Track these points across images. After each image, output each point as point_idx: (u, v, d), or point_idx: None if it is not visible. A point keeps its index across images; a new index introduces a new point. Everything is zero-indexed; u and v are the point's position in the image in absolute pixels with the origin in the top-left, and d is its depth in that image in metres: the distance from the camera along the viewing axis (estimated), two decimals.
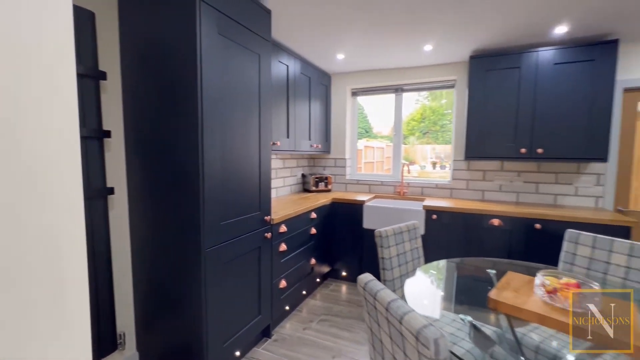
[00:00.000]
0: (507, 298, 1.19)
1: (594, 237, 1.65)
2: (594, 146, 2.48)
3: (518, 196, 3.01)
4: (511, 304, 1.15)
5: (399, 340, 0.83)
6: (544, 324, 1.11)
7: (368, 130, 4.91)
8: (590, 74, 2.46)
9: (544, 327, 1.48)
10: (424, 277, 1.70)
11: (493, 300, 1.19)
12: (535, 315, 1.10)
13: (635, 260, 1.49)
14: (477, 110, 2.83)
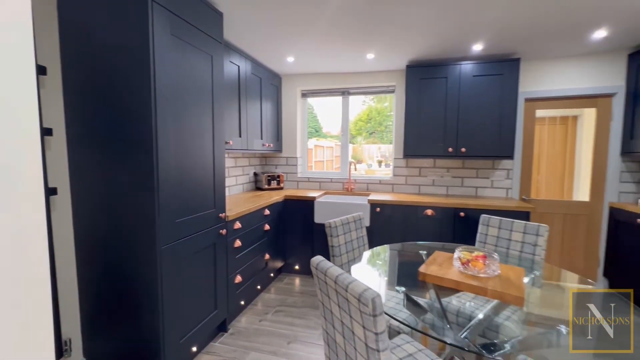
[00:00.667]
0: (433, 271, 1.44)
1: (500, 220, 2.03)
2: (503, 146, 2.97)
3: (447, 189, 3.46)
4: (436, 275, 1.41)
5: (345, 306, 1.00)
6: (460, 287, 1.39)
7: (318, 129, 5.09)
8: (500, 86, 2.95)
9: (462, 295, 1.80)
10: (369, 260, 1.93)
11: (422, 273, 1.44)
12: (453, 281, 1.37)
13: (528, 236, 1.89)
14: (413, 113, 3.19)
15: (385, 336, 0.92)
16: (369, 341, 0.92)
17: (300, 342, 2.20)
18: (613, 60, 2.95)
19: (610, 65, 2.96)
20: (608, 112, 3.03)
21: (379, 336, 0.90)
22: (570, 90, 3.06)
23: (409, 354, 1.35)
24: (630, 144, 2.85)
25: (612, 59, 2.95)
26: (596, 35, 2.54)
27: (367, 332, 0.92)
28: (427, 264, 1.54)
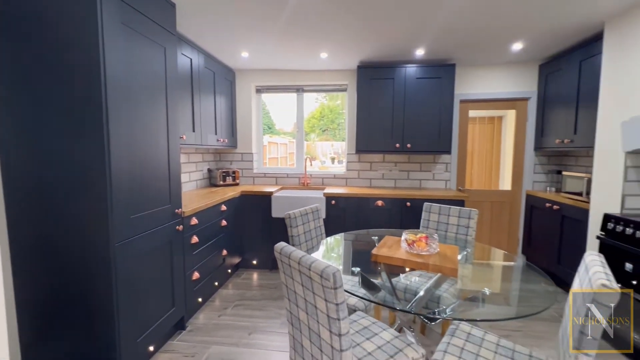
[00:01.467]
0: (383, 252, 1.62)
1: (439, 207, 2.31)
2: (442, 142, 3.32)
3: (395, 182, 3.75)
4: (386, 255, 1.58)
5: (308, 284, 1.11)
6: (407, 265, 1.58)
7: (271, 126, 5.09)
8: (439, 88, 3.28)
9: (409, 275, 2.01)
10: (326, 248, 2.06)
11: (374, 255, 1.60)
12: (401, 260, 1.55)
13: (462, 220, 2.18)
14: (364, 111, 3.40)
15: (345, 307, 1.04)
16: (330, 312, 1.04)
17: (262, 332, 2.26)
18: (528, 70, 3.46)
19: (525, 73, 3.47)
20: (524, 114, 3.54)
21: (339, 306, 1.02)
22: (495, 93, 3.52)
23: (364, 327, 1.50)
24: (541, 141, 3.38)
25: (527, 68, 3.46)
26: (514, 48, 2.97)
27: (329, 304, 1.04)
28: (379, 247, 1.71)
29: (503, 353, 1.34)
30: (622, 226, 2.05)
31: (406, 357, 1.30)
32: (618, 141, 2.26)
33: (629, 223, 2.01)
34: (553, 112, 3.18)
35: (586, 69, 2.71)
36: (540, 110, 3.40)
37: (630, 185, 2.21)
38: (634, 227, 1.96)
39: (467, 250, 2.01)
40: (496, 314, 1.41)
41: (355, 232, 2.44)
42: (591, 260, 1.12)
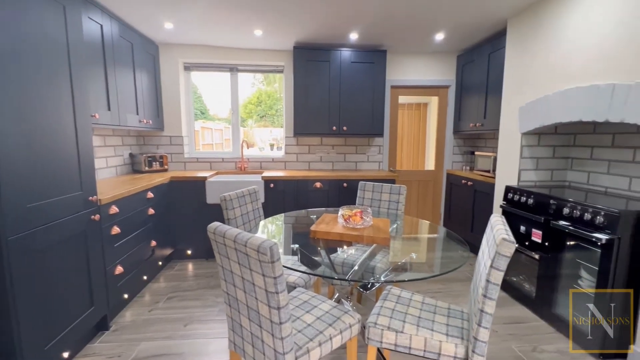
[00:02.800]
0: (321, 228, 1.66)
1: (373, 185, 2.44)
2: (375, 125, 3.49)
3: (333, 164, 3.85)
4: (324, 231, 1.62)
5: (245, 261, 1.08)
6: (343, 238, 1.65)
7: (204, 111, 4.77)
8: (372, 73, 3.42)
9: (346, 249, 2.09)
10: (265, 228, 2.03)
11: (313, 231, 1.63)
12: (338, 234, 1.61)
13: (393, 196, 2.35)
14: (301, 93, 3.38)
15: (283, 279, 1.04)
16: (268, 286, 1.03)
17: (198, 322, 2.16)
18: (448, 60, 3.80)
19: (446, 63, 3.81)
20: (445, 100, 3.91)
21: (277, 279, 1.02)
22: (421, 81, 3.80)
23: (304, 302, 1.53)
24: (459, 125, 3.79)
25: (447, 58, 3.80)
26: (437, 38, 3.22)
27: (267, 279, 1.03)
28: (317, 223, 1.75)
29: (427, 309, 1.50)
30: (518, 195, 2.42)
31: (344, 323, 1.36)
32: (516, 124, 2.64)
33: (523, 193, 2.39)
34: (468, 99, 3.57)
35: (493, 61, 3.09)
36: (458, 98, 3.79)
37: (525, 161, 2.62)
38: (526, 196, 2.34)
39: (397, 222, 2.18)
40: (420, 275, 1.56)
41: (295, 212, 2.46)
42: (495, 221, 1.30)
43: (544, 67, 2.37)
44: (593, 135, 2.44)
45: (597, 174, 2.40)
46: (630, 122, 1.75)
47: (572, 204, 1.97)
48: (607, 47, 1.90)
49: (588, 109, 1.99)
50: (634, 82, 1.73)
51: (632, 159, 2.16)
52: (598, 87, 1.93)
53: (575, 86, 2.08)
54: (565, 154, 2.64)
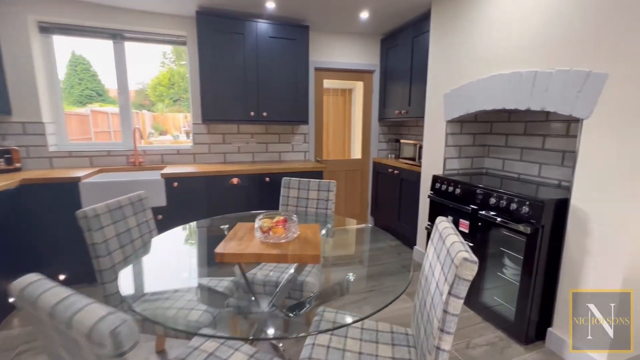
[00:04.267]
0: (231, 248, 1.23)
1: (298, 181, 2.09)
2: (299, 111, 3.13)
3: (254, 156, 3.38)
4: (235, 253, 1.21)
5: (75, 350, 0.61)
6: (262, 260, 1.26)
7: (102, 92, 3.80)
8: (294, 51, 3.01)
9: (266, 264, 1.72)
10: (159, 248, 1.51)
11: (219, 254, 1.20)
12: (254, 255, 1.21)
13: (321, 193, 2.04)
14: (210, 71, 2.79)
15: None
16: None
17: None
18: (373, 43, 3.62)
19: (371, 47, 3.62)
20: (370, 86, 3.76)
21: None
22: (346, 64, 3.55)
23: (209, 354, 1.11)
24: (384, 112, 3.68)
25: (372, 41, 3.61)
26: (362, 16, 2.97)
27: None
28: (226, 240, 1.32)
29: (368, 338, 1.23)
30: (445, 185, 2.37)
31: None
32: (441, 111, 2.58)
33: (450, 182, 2.33)
34: (392, 85, 3.47)
35: (417, 45, 2.98)
36: (382, 83, 3.66)
37: (449, 149, 2.59)
38: (453, 186, 2.29)
39: (328, 226, 1.88)
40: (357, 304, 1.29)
41: (202, 221, 1.96)
42: (445, 230, 1.07)
43: (468, 52, 2.30)
44: (508, 123, 2.51)
45: (511, 161, 2.48)
46: (550, 109, 1.74)
47: (498, 193, 1.94)
48: (531, 33, 1.86)
49: (511, 96, 1.96)
50: (555, 69, 1.71)
51: (541, 146, 2.25)
52: (520, 75, 1.89)
53: (499, 73, 2.04)
54: (483, 141, 2.69)
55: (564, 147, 2.10)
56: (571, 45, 1.65)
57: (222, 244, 1.26)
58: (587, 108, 1.58)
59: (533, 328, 1.83)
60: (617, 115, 1.47)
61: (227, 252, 1.21)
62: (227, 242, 1.30)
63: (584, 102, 1.59)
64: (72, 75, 3.62)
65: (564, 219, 1.72)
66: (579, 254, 1.66)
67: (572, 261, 1.69)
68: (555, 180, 2.16)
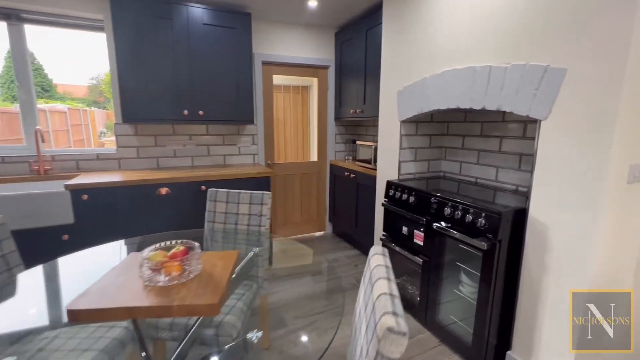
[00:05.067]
0: (91, 301, 0.88)
1: (227, 193, 1.76)
2: (243, 110, 2.78)
3: (193, 160, 2.98)
4: (94, 309, 0.86)
5: None
6: (135, 316, 0.92)
7: (49, 88, 3.47)
8: (234, 42, 2.66)
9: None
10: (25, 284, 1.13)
11: (71, 311, 0.85)
12: (123, 311, 0.87)
13: (254, 207, 1.72)
14: (130, 63, 2.37)
15: None
16: None
17: None
18: (326, 37, 3.35)
19: (324, 40, 3.35)
20: (325, 83, 3.49)
21: None
22: (298, 58, 3.25)
23: None
24: (340, 111, 3.43)
25: (325, 35, 3.34)
26: (310, 4, 2.68)
27: None
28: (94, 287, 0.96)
29: None
30: (399, 192, 2.14)
31: None
32: (395, 111, 2.36)
33: (405, 189, 2.11)
34: (347, 82, 3.22)
35: (371, 39, 2.75)
36: (338, 80, 3.41)
37: (404, 152, 2.38)
38: (407, 193, 2.07)
39: (255, 250, 1.57)
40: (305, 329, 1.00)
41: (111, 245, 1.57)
42: (375, 267, 0.81)
43: (421, 45, 2.09)
44: (464, 123, 2.34)
45: (469, 164, 2.32)
46: (506, 109, 1.55)
47: (453, 203, 1.73)
48: (486, 23, 1.66)
49: (465, 94, 1.76)
50: (510, 63, 1.52)
51: (498, 148, 2.10)
52: (474, 70, 1.70)
53: (453, 68, 1.84)
54: (440, 143, 2.51)
55: (520, 150, 1.95)
56: (528, 37, 1.46)
57: (80, 296, 0.91)
58: (545, 108, 1.40)
59: (492, 352, 1.65)
60: (577, 116, 1.30)
61: (82, 309, 0.86)
62: (92, 291, 0.95)
63: (541, 101, 1.40)
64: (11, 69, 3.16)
65: (523, 232, 1.54)
66: (539, 271, 1.48)
67: (531, 279, 1.52)
68: (512, 185, 2.01)
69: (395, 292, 0.69)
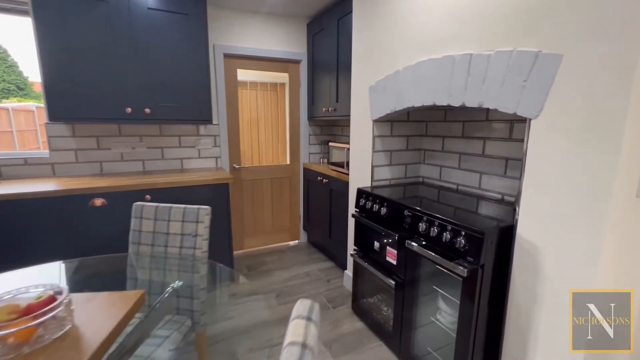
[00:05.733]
0: None
1: (155, 208, 1.44)
2: (199, 108, 2.45)
3: (144, 164, 2.63)
4: None
5: None
6: None
7: (24, 86, 3.20)
8: (187, 30, 2.33)
9: None
10: None
11: None
12: None
13: (188, 225, 1.40)
14: (57, 51, 2.02)
15: None
16: None
17: None
18: (297, 27, 3.05)
19: (296, 32, 3.05)
20: (297, 78, 3.19)
21: None
22: (266, 51, 2.94)
23: None
24: (312, 110, 3.13)
25: (296, 25, 3.04)
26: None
27: None
28: None
29: None
30: (371, 202, 1.86)
31: None
32: (367, 109, 2.08)
33: (376, 199, 1.83)
34: (320, 77, 2.93)
35: (343, 28, 2.47)
36: (310, 75, 3.11)
37: (378, 155, 2.10)
38: (379, 204, 1.79)
39: (173, 285, 1.25)
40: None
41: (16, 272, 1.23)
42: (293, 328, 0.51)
43: (395, 32, 1.81)
44: (444, 123, 2.08)
45: (449, 169, 2.06)
46: (489, 106, 1.29)
47: (429, 217, 1.46)
48: (467, 5, 1.39)
49: (442, 88, 1.49)
50: (494, 50, 1.26)
51: (481, 151, 1.84)
52: (453, 60, 1.43)
53: (429, 58, 1.57)
54: (418, 145, 2.25)
55: (506, 153, 1.70)
56: (515, 18, 1.20)
57: None
58: (535, 104, 1.13)
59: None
60: (575, 112, 1.04)
61: None
62: None
63: (531, 96, 1.14)
64: None
65: (509, 254, 1.28)
66: (528, 302, 1.22)
67: (519, 311, 1.26)
68: (497, 193, 1.75)
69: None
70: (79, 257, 1.51)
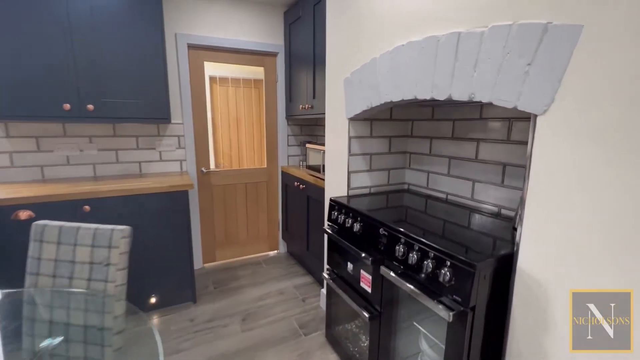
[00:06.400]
0: None
1: (59, 228, 1.14)
2: (155, 105, 2.15)
3: (95, 169, 2.32)
4: None
5: None
6: None
7: None
8: (137, 14, 2.02)
9: None
10: None
11: None
12: None
13: (98, 251, 1.10)
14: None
15: None
16: None
17: None
18: (273, 16, 2.75)
19: (271, 21, 2.75)
20: (274, 73, 2.89)
21: None
22: (238, 42, 2.64)
23: None
24: (290, 108, 2.84)
25: (272, 14, 2.74)
26: None
27: None
28: None
29: None
30: (343, 216, 1.57)
31: None
32: (343, 105, 1.78)
33: (349, 212, 1.54)
34: (297, 71, 2.63)
35: (319, 15, 2.17)
36: (288, 69, 2.81)
37: (355, 159, 1.81)
38: (352, 218, 1.49)
39: (46, 343, 0.94)
40: None
41: None
42: None
43: (371, 13, 1.52)
44: (432, 122, 1.79)
45: (437, 176, 1.77)
46: (483, 99, 0.99)
47: (407, 239, 1.16)
48: None
49: (424, 78, 1.20)
50: (489, 25, 0.96)
51: (474, 155, 1.55)
52: (437, 41, 1.13)
53: (408, 41, 1.27)
54: (402, 147, 1.96)
55: (504, 159, 1.41)
56: None
57: None
58: (543, 95, 0.84)
59: None
60: (601, 105, 0.74)
61: None
62: None
63: (537, 84, 0.85)
64: None
65: (509, 291, 0.99)
66: (534, 358, 0.93)
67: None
68: (493, 206, 1.46)
69: None
70: None
